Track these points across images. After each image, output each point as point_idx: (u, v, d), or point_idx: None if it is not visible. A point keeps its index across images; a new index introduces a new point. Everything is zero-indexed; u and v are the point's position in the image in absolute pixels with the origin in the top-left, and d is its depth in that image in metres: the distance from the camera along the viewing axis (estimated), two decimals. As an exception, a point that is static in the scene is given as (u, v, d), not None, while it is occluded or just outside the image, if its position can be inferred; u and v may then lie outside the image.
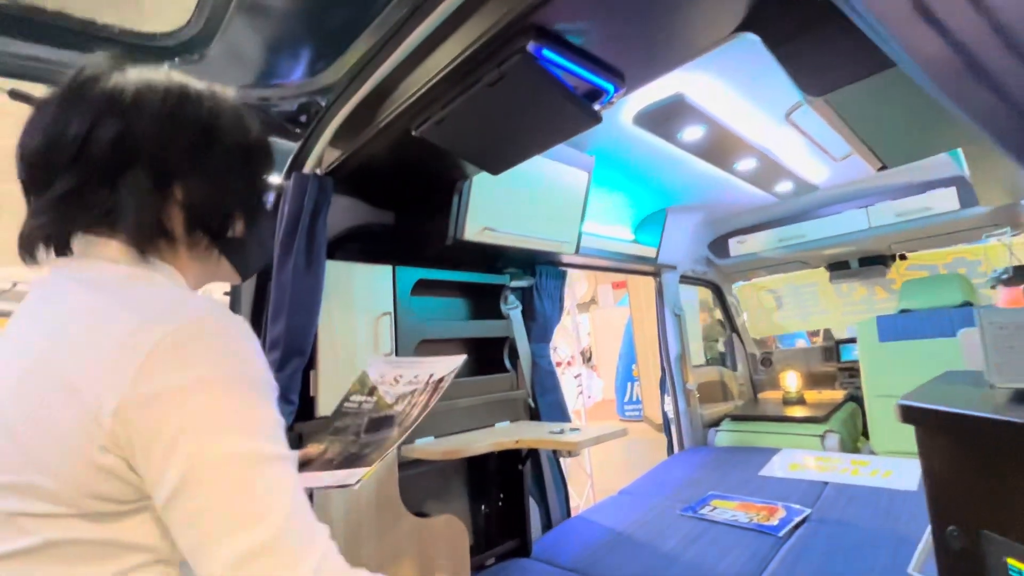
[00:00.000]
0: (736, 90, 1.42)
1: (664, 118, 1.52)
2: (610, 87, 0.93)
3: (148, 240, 0.51)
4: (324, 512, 1.21)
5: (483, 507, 1.77)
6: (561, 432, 1.45)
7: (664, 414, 2.88)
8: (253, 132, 0.60)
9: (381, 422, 0.83)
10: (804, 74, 0.77)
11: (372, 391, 0.90)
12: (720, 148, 1.77)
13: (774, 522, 1.67)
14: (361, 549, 1.27)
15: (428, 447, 1.38)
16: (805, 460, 2.29)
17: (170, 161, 0.52)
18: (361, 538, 1.27)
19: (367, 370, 0.95)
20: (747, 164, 1.95)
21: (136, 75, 0.53)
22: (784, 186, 2.25)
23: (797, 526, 1.64)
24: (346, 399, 0.91)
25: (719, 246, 3.05)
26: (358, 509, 1.28)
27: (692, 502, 1.93)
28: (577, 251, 1.86)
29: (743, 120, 1.61)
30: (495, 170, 1.17)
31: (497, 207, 1.54)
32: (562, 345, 5.38)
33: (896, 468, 2.06)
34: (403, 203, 1.58)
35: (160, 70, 0.56)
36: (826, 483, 2.00)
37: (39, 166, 0.50)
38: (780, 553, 1.48)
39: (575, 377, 3.99)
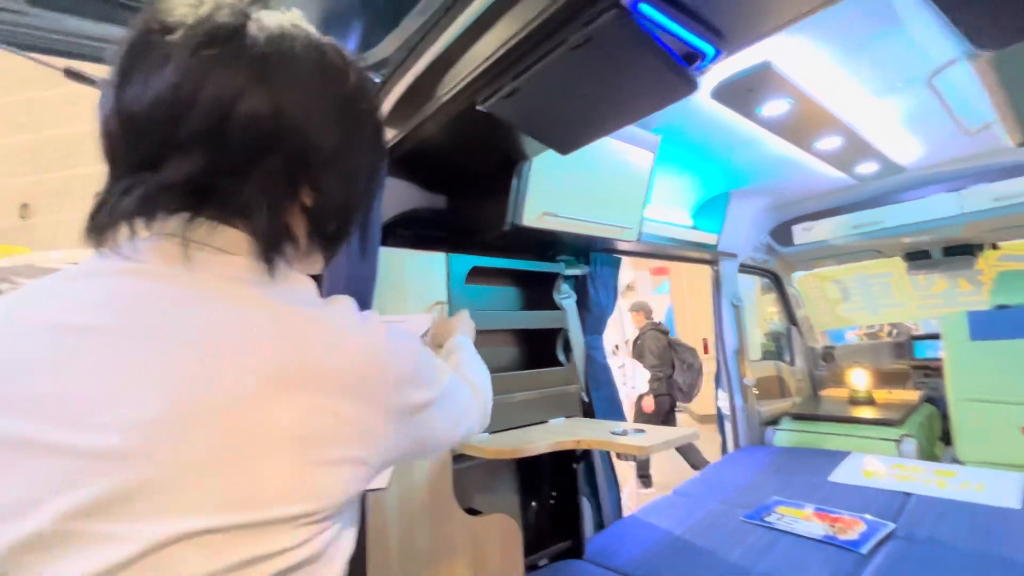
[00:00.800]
0: (835, 56, 1.25)
1: (746, 90, 1.36)
2: (710, 49, 0.80)
3: (277, 247, 0.41)
4: (380, 505, 1.17)
5: (534, 504, 1.70)
6: (624, 433, 1.35)
7: (718, 410, 2.74)
8: (381, 110, 0.50)
9: None
10: (979, 24, 0.62)
11: None
12: (803, 124, 1.59)
13: (854, 536, 1.52)
14: (415, 543, 1.23)
15: (484, 444, 1.32)
16: (880, 467, 2.11)
17: (310, 151, 0.41)
18: (415, 532, 1.23)
19: None
20: (830, 143, 1.75)
21: (275, 25, 0.41)
22: (867, 167, 2.03)
23: (882, 542, 1.49)
24: None
25: (782, 233, 2.83)
26: (411, 503, 1.23)
27: (755, 507, 1.80)
28: (639, 237, 1.73)
29: (837, 92, 1.42)
30: (566, 149, 1.06)
31: (557, 190, 1.43)
32: (609, 333, 5.24)
33: (989, 481, 1.86)
34: (457, 186, 1.49)
35: (290, 15, 0.43)
36: (909, 494, 1.82)
37: (147, 138, 0.38)
38: (865, 574, 1.35)
39: (619, 368, 3.87)
